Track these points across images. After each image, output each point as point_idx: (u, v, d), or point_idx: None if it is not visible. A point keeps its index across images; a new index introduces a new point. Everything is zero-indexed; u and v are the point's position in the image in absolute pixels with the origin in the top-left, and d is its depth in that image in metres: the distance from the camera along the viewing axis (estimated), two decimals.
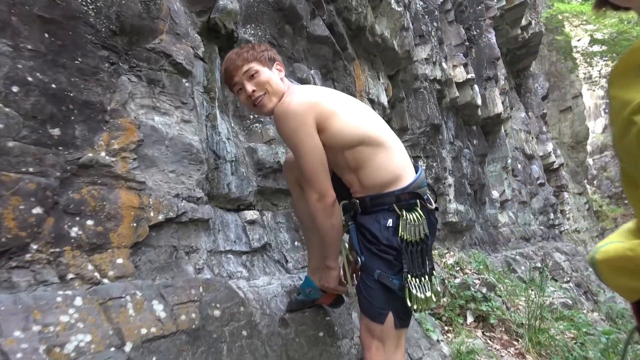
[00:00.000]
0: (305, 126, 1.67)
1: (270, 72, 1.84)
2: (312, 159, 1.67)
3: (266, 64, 1.84)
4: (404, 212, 1.73)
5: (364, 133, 1.74)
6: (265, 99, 1.81)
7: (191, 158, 2.09)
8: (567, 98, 18.42)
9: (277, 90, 1.82)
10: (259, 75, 1.81)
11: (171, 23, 2.07)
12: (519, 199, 7.78)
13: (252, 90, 1.81)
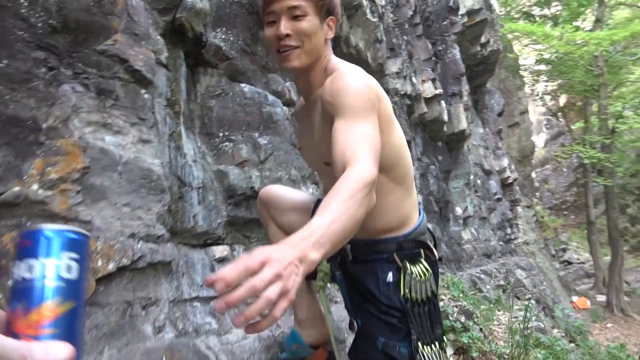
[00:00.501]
0: (371, 103, 1.24)
1: (318, 25, 1.34)
2: (377, 142, 1.20)
3: (320, 12, 1.34)
4: (407, 265, 1.41)
5: (401, 157, 1.39)
6: (294, 54, 1.32)
7: (151, 187, 1.70)
8: (515, 114, 19.07)
9: (313, 50, 1.34)
10: (303, 21, 1.30)
11: (128, 21, 1.68)
12: (479, 214, 7.77)
13: (285, 34, 1.30)
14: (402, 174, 1.41)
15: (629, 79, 15.75)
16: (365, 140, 1.15)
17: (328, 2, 1.35)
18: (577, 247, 23.85)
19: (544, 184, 28.91)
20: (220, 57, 2.24)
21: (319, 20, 1.33)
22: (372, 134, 1.18)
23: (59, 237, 0.46)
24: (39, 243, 0.45)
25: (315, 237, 0.88)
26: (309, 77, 1.40)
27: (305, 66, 1.35)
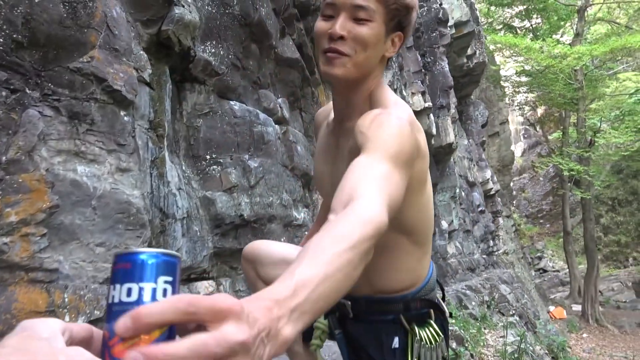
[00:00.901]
0: (409, 156, 0.99)
1: (381, 37, 1.07)
2: (401, 194, 0.94)
3: (389, 22, 1.07)
4: (415, 328, 1.22)
5: (427, 219, 1.17)
6: (341, 62, 1.05)
7: (129, 221, 1.50)
8: (496, 124, 19.27)
9: (365, 63, 1.08)
10: (365, 26, 1.05)
11: (107, 35, 1.49)
12: (463, 227, 7.71)
13: (339, 35, 1.04)
14: (424, 235, 1.22)
15: (605, 93, 16.07)
16: (386, 183, 0.89)
17: (403, 13, 1.07)
18: (552, 256, 24.25)
19: (521, 193, 29.36)
20: (209, 72, 2.05)
21: (384, 31, 1.06)
22: (396, 181, 0.92)
23: (155, 261, 0.45)
24: (136, 266, 0.45)
25: (297, 300, 0.60)
26: (350, 96, 1.13)
27: (349, 79, 1.09)
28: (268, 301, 0.55)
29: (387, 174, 0.90)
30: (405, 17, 1.07)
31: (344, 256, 0.69)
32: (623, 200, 22.46)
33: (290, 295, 0.59)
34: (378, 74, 1.13)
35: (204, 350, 0.43)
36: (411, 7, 1.06)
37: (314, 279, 0.63)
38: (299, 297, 0.60)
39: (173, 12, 1.73)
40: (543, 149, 27.80)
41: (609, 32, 16.07)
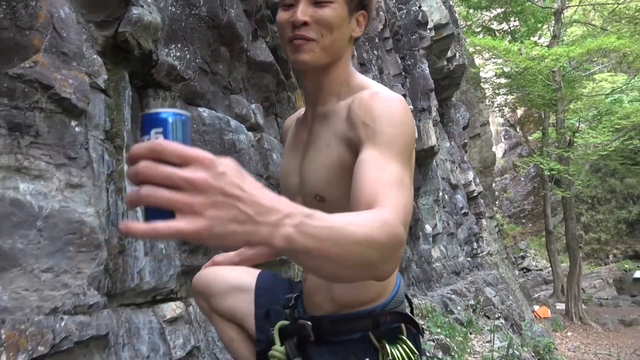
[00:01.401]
0: (412, 150, 0.97)
1: (345, 17, 1.04)
2: (410, 199, 0.90)
3: (350, 2, 1.04)
4: (387, 346, 1.10)
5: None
6: (308, 46, 1.01)
7: (81, 242, 1.36)
8: (477, 125, 19.42)
9: (333, 46, 1.03)
10: (327, 8, 1.01)
11: (54, 37, 1.35)
12: (447, 230, 7.67)
13: (302, 21, 1.00)
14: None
15: (583, 93, 16.32)
16: (402, 194, 0.85)
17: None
18: (535, 255, 24.53)
19: (503, 193, 29.69)
20: (175, 77, 1.91)
21: (347, 11, 1.03)
22: (409, 187, 0.89)
23: (149, 118, 0.58)
24: (143, 123, 0.58)
25: (312, 220, 0.61)
26: (322, 81, 1.08)
27: (319, 64, 1.04)
28: (281, 202, 0.59)
29: (401, 178, 0.87)
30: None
31: (361, 230, 0.67)
32: (602, 199, 22.85)
33: (308, 213, 0.61)
34: (348, 57, 1.10)
35: (156, 172, 0.51)
36: None
37: (331, 221, 0.64)
38: (316, 219, 0.61)
39: (131, 12, 1.60)
40: (523, 149, 28.18)
41: (585, 34, 16.36)
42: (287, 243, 0.59)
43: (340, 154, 1.00)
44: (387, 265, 0.75)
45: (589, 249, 22.57)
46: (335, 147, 1.01)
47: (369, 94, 0.99)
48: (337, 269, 0.68)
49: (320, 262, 0.65)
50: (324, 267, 0.67)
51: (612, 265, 20.99)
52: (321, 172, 1.04)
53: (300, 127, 1.17)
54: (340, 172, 1.00)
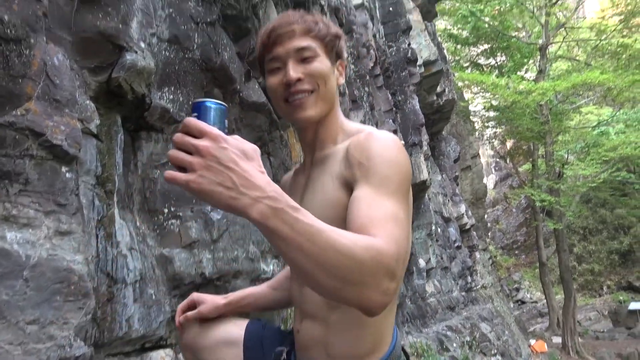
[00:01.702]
0: (408, 189, 0.99)
1: (330, 67, 1.09)
2: (406, 235, 0.91)
3: (330, 54, 1.10)
4: None
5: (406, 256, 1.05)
6: (310, 101, 1.06)
7: (69, 291, 1.33)
8: (467, 158, 19.64)
9: (329, 95, 1.09)
10: (315, 62, 1.06)
11: (47, 84, 1.35)
12: (441, 264, 7.62)
13: (296, 78, 1.04)
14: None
15: (570, 126, 16.63)
16: (397, 229, 0.86)
17: (337, 42, 1.11)
18: (530, 287, 24.35)
19: (496, 224, 29.72)
20: (167, 120, 1.92)
21: (330, 63, 1.10)
22: (405, 223, 0.90)
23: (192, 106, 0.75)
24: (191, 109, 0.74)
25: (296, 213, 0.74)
26: (319, 131, 1.13)
27: (322, 115, 1.09)
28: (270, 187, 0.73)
29: (395, 214, 0.89)
30: (339, 45, 1.12)
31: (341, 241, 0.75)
32: (594, 229, 22.93)
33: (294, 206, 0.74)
34: (338, 104, 1.16)
35: (180, 139, 0.70)
36: (339, 35, 1.12)
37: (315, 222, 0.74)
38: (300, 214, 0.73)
39: (124, 58, 1.61)
40: (514, 180, 28.41)
41: (570, 69, 16.81)
42: (261, 218, 0.71)
43: (337, 193, 1.01)
44: (370, 291, 0.77)
45: (582, 280, 22.47)
46: (333, 187, 1.04)
47: (365, 135, 1.02)
48: (314, 270, 0.74)
49: (296, 254, 0.74)
50: (302, 263, 0.74)
51: (607, 297, 20.87)
52: (318, 211, 1.02)
53: (298, 175, 1.21)
54: (337, 210, 1.00)
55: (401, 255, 0.84)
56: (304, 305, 1.10)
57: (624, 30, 16.21)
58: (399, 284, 0.85)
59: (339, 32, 1.11)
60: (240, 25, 2.41)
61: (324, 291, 0.82)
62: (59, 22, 1.45)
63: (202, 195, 0.71)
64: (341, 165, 1.03)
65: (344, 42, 1.14)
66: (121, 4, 1.60)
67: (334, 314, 1.03)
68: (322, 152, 1.12)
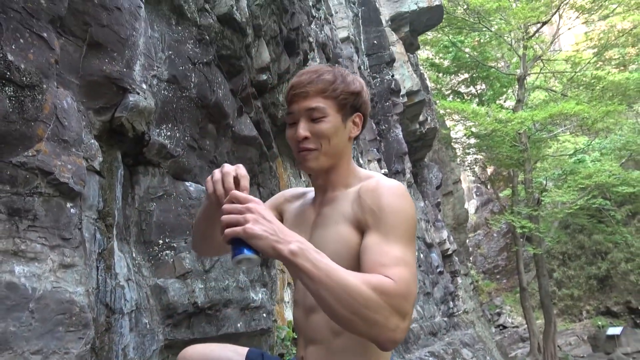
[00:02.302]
0: (413, 234, 1.12)
1: (339, 126, 1.22)
2: (415, 276, 1.04)
3: (342, 110, 1.22)
4: None
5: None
6: (312, 156, 1.21)
7: (71, 322, 1.40)
8: (449, 183, 19.95)
9: (333, 151, 1.22)
10: (322, 122, 1.20)
11: (57, 126, 1.45)
12: (424, 290, 7.71)
13: (303, 136, 1.20)
14: None
15: (548, 154, 17.13)
16: (406, 270, 1.00)
17: (352, 99, 1.22)
18: (511, 311, 24.48)
19: (477, 249, 29.99)
20: (164, 155, 2.02)
21: (341, 119, 1.22)
22: (412, 265, 1.03)
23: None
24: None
25: (318, 253, 0.96)
26: (330, 177, 1.27)
27: (325, 168, 1.24)
28: (296, 236, 0.97)
29: (403, 257, 1.02)
30: (356, 100, 1.23)
31: (352, 280, 0.93)
32: (573, 255, 23.29)
33: (317, 250, 0.96)
34: (348, 152, 1.28)
35: (230, 205, 0.97)
36: (357, 92, 1.23)
37: (330, 264, 0.94)
38: (320, 255, 0.95)
39: (127, 99, 1.72)
40: (495, 205, 28.85)
41: (547, 99, 17.40)
42: (291, 255, 0.93)
43: (347, 231, 1.14)
44: (379, 327, 0.93)
45: (562, 305, 22.70)
46: (343, 225, 1.16)
47: (375, 183, 1.17)
48: (332, 301, 0.93)
49: (318, 286, 0.93)
50: (322, 294, 0.93)
51: (586, 322, 21.10)
52: (330, 245, 1.15)
53: (308, 208, 1.32)
54: (345, 247, 1.13)
55: (411, 294, 0.98)
56: (309, 333, 1.20)
57: (598, 62, 16.92)
58: (409, 321, 0.97)
59: (357, 89, 1.22)
60: (234, 64, 2.54)
61: (341, 322, 0.97)
62: (68, 67, 1.55)
63: (255, 239, 0.94)
64: (353, 207, 1.16)
65: (365, 95, 1.26)
66: (126, 50, 1.71)
67: (338, 340, 1.14)
68: (333, 193, 1.25)
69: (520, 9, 14.13)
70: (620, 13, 16.08)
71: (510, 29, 14.87)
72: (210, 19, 2.34)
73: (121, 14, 1.70)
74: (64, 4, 1.49)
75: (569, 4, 16.38)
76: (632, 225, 21.06)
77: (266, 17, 2.85)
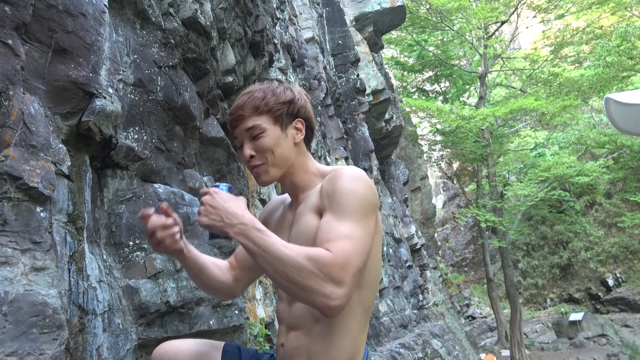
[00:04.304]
0: (367, 213, 1.17)
1: (280, 136, 1.31)
2: (362, 251, 1.12)
3: (279, 121, 1.31)
4: None
5: (376, 275, 1.29)
6: (262, 170, 1.32)
7: (44, 324, 1.42)
8: (417, 179, 20.36)
9: (280, 161, 1.32)
10: (262, 138, 1.29)
11: (24, 132, 1.47)
12: (393, 284, 7.89)
13: (249, 155, 1.31)
14: (372, 300, 1.29)
15: (510, 148, 17.72)
16: (350, 244, 1.10)
17: (286, 108, 1.32)
18: (479, 302, 25.18)
19: (445, 243, 30.67)
20: (132, 157, 2.05)
21: (280, 129, 1.31)
22: (361, 240, 1.13)
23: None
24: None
25: (260, 231, 1.11)
26: (293, 182, 1.37)
27: (278, 177, 1.34)
28: (244, 217, 1.12)
29: (350, 233, 1.12)
30: (291, 108, 1.33)
31: (289, 252, 1.07)
32: (536, 245, 24.15)
33: (259, 228, 1.11)
34: (300, 155, 1.36)
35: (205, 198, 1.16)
36: (288, 100, 1.33)
37: (271, 238, 1.09)
38: (262, 233, 1.10)
39: (94, 103, 1.74)
40: (461, 200, 29.61)
41: (508, 95, 18.00)
42: (237, 236, 1.10)
43: (312, 219, 1.24)
44: (314, 294, 1.05)
45: (528, 294, 23.51)
46: (310, 215, 1.26)
47: (334, 172, 1.27)
48: (273, 274, 1.08)
49: (258, 259, 1.09)
50: (263, 266, 1.09)
51: (550, 309, 21.93)
52: (300, 237, 1.27)
53: (287, 213, 1.43)
54: (312, 234, 1.22)
55: (350, 264, 1.08)
56: (291, 320, 1.29)
57: (555, 60, 17.61)
58: (347, 290, 1.06)
59: (288, 98, 1.32)
60: (199, 67, 2.58)
61: (284, 290, 1.16)
62: (34, 73, 1.57)
63: (208, 228, 1.15)
64: (317, 198, 1.27)
65: (300, 101, 1.35)
66: (91, 55, 1.74)
67: (317, 326, 1.22)
68: (303, 194, 1.35)
69: (480, 9, 14.57)
70: (574, 12, 16.79)
71: (471, 28, 15.31)
72: (175, 22, 2.37)
73: (86, 20, 1.73)
74: (28, 10, 1.51)
75: (526, 4, 16.99)
76: (590, 215, 22.05)
77: (230, 20, 2.90)
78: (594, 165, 14.58)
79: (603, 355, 14.52)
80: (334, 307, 1.06)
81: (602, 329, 16.87)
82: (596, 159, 16.47)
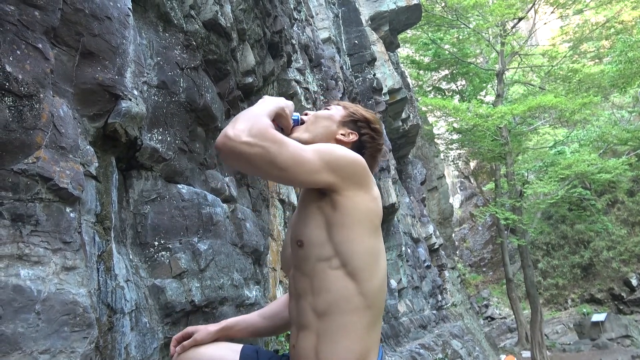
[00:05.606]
0: (333, 157, 1.22)
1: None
2: (297, 145, 1.20)
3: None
4: None
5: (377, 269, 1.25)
6: None
7: (75, 322, 1.45)
8: (433, 179, 20.21)
9: None
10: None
11: (54, 134, 1.50)
12: (412, 284, 7.84)
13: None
14: (374, 291, 1.23)
15: (528, 146, 17.46)
16: (283, 141, 1.17)
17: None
18: (498, 303, 24.85)
19: (463, 243, 30.36)
20: (156, 159, 2.07)
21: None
22: (301, 150, 1.18)
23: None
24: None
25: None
26: None
27: None
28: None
29: (301, 147, 1.19)
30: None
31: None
32: (556, 245, 23.75)
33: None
34: None
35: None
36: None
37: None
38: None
39: (120, 105, 1.77)
40: (479, 199, 29.28)
41: (526, 93, 17.74)
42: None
43: (315, 201, 1.24)
44: (232, 152, 1.18)
45: (548, 294, 23.12)
46: (312, 198, 1.26)
47: None
48: None
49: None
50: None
51: (572, 310, 21.55)
52: (302, 221, 1.28)
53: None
54: (316, 216, 1.24)
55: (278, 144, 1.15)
56: (299, 319, 1.26)
57: (574, 56, 17.31)
58: (247, 139, 1.16)
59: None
60: (220, 68, 2.60)
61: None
62: (62, 76, 1.60)
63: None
64: None
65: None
66: (117, 57, 1.77)
67: (322, 323, 1.20)
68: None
69: (497, 6, 14.39)
70: (593, 7, 16.48)
71: (487, 25, 15.14)
72: (196, 24, 2.39)
73: (111, 23, 1.75)
74: (57, 15, 1.54)
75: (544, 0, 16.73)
76: (612, 214, 21.59)
77: (250, 21, 2.92)
78: (616, 162, 14.26)
79: (627, 357, 14.21)
80: (224, 141, 1.22)
81: (626, 329, 16.51)
82: (618, 156, 16.11)
